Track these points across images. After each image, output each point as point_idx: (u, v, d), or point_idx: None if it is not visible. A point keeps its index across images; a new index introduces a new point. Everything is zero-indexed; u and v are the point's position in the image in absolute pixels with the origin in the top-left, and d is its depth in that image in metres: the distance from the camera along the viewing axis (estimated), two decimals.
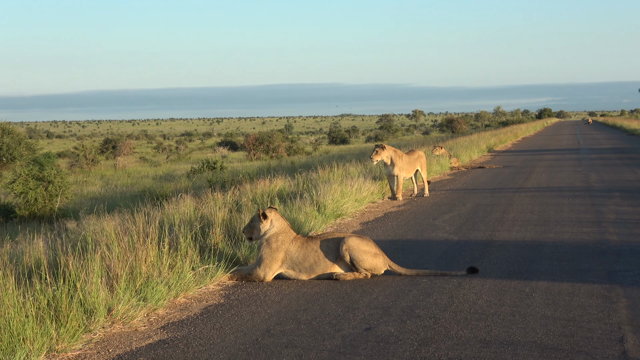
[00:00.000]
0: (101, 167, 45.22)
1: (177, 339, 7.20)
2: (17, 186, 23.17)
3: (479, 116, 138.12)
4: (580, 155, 34.02)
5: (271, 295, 8.77)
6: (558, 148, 42.75)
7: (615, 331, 7.03)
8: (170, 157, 55.20)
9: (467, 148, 34.16)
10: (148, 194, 22.84)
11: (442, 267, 10.03)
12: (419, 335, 7.05)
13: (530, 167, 27.80)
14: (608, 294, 8.34)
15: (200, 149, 69.93)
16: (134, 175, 38.25)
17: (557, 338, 6.85)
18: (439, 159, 26.69)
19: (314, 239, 9.68)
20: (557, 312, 7.68)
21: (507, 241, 11.84)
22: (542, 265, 9.94)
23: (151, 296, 8.13)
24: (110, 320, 7.57)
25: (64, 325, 7.00)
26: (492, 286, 8.84)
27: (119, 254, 8.53)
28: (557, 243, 11.56)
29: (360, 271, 9.44)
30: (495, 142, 44.88)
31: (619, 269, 9.58)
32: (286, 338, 7.12)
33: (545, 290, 8.59)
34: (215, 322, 7.73)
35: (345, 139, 79.79)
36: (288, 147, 55.21)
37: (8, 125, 38.32)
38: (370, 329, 7.30)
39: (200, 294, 8.95)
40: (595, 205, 15.71)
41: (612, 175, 22.72)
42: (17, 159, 33.76)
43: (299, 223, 12.49)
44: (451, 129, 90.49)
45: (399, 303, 8.24)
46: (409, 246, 11.70)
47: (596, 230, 12.62)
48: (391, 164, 17.57)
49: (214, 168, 35.01)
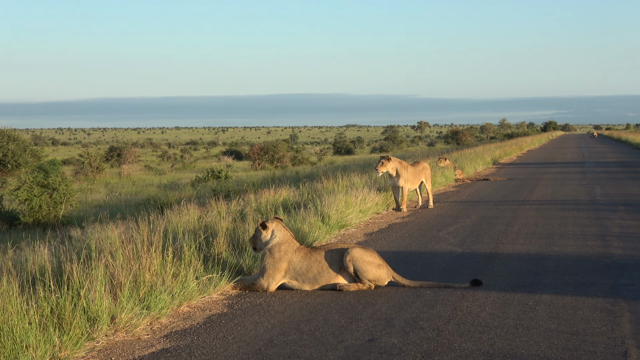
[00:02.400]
0: (106, 175, 45.28)
1: (180, 348, 7.20)
2: (21, 193, 23.19)
3: (484, 128, 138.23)
4: (585, 169, 33.98)
5: (274, 306, 8.77)
6: (563, 161, 42.72)
7: (619, 345, 7.01)
8: (175, 165, 55.27)
9: (472, 160, 34.13)
10: (152, 203, 22.87)
11: (446, 279, 10.02)
12: (422, 347, 7.04)
13: (535, 179, 27.78)
14: (612, 308, 8.33)
15: (205, 158, 70.02)
16: (138, 184, 38.29)
17: (560, 351, 6.84)
18: (443, 170, 26.68)
19: (318, 250, 9.67)
20: (560, 326, 7.67)
21: (511, 254, 11.82)
22: (546, 279, 9.93)
23: (154, 305, 8.14)
24: (114, 328, 7.57)
25: (67, 333, 7.00)
26: (496, 299, 8.83)
27: (123, 262, 8.54)
28: (561, 256, 11.54)
29: (363, 282, 9.43)
30: (500, 154, 44.85)
31: (623, 283, 9.56)
32: (289, 348, 7.11)
33: (549, 303, 8.58)
34: (219, 332, 7.73)
35: (350, 150, 79.88)
36: (293, 157, 55.28)
37: (13, 132, 38.41)
38: (374, 340, 7.30)
39: (203, 303, 8.94)
40: (600, 219, 15.69)
41: (617, 189, 22.69)
42: (22, 165, 33.81)
43: (303, 233, 12.49)
44: (456, 140, 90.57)
45: (402, 314, 8.23)
46: (412, 258, 11.69)
47: (600, 243, 12.59)
48: (396, 176, 17.59)
49: (219, 177, 35.02)
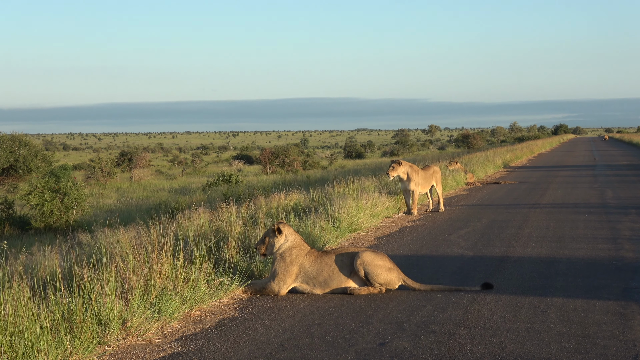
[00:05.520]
0: (117, 180, 45.38)
1: (191, 352, 7.20)
2: (33, 198, 23.27)
3: (494, 132, 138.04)
4: (596, 172, 33.89)
5: (285, 309, 8.77)
6: (574, 164, 42.62)
7: (630, 348, 6.99)
8: (186, 170, 55.35)
9: (483, 163, 34.09)
10: (163, 207, 22.91)
11: (457, 282, 10.00)
12: (433, 351, 7.03)
13: (546, 183, 27.72)
14: (623, 311, 8.30)
15: (216, 163, 70.10)
16: (149, 188, 38.37)
17: (571, 355, 6.82)
18: (454, 174, 26.64)
19: (328, 254, 9.67)
20: (571, 329, 7.65)
21: (522, 257, 11.79)
22: (557, 282, 9.90)
23: (165, 309, 8.14)
24: (125, 332, 7.58)
25: (78, 337, 7.01)
26: (507, 302, 8.81)
27: (134, 266, 8.55)
28: (572, 259, 11.51)
29: (374, 286, 9.42)
30: (511, 157, 44.77)
31: (634, 286, 9.53)
32: (300, 352, 7.11)
33: (560, 306, 8.55)
34: (229, 336, 7.74)
35: (360, 154, 79.88)
36: (303, 162, 55.29)
37: (25, 137, 38.50)
38: (385, 344, 7.29)
39: (214, 307, 8.95)
40: (611, 222, 15.64)
41: (628, 192, 22.62)
42: (34, 170, 33.88)
43: (314, 237, 12.49)
44: (467, 144, 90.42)
45: (413, 318, 8.22)
46: (423, 261, 11.68)
47: (612, 247, 12.55)
48: (407, 179, 17.59)
49: (230, 181, 35.07)
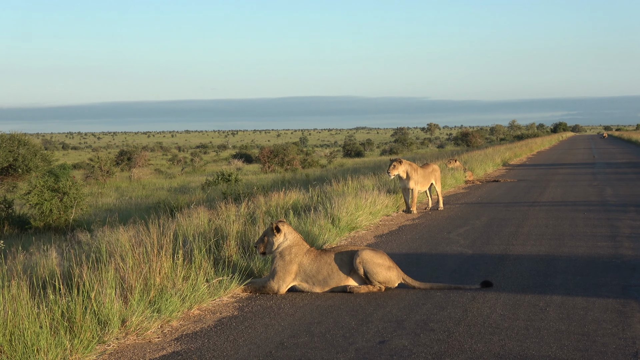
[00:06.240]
0: (116, 179, 45.41)
1: (190, 351, 7.20)
2: (32, 197, 23.27)
3: (494, 130, 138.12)
4: (595, 170, 33.89)
5: (285, 308, 8.77)
6: (573, 162, 42.62)
7: (630, 346, 6.99)
8: (185, 169, 55.37)
9: (482, 162, 34.09)
10: (163, 206, 22.91)
11: (456, 280, 10.01)
12: (432, 349, 7.03)
13: (545, 181, 27.72)
14: (623, 309, 8.30)
15: (215, 161, 70.10)
16: (148, 187, 38.37)
17: (571, 352, 6.82)
18: (453, 172, 26.64)
19: (328, 252, 9.67)
20: (571, 327, 7.65)
21: (521, 255, 11.80)
22: (556, 280, 9.90)
23: (165, 308, 8.14)
24: (124, 331, 7.58)
25: (77, 336, 7.01)
26: (506, 300, 8.81)
27: (133, 265, 8.55)
28: (571, 257, 11.51)
29: (374, 284, 9.42)
30: (510, 155, 44.79)
31: (634, 284, 9.53)
32: (300, 351, 7.11)
33: (559, 304, 8.56)
34: (229, 335, 7.74)
35: (360, 152, 79.92)
36: (303, 160, 55.32)
37: (24, 136, 38.49)
38: (384, 342, 7.29)
39: (214, 306, 8.95)
40: (611, 220, 15.64)
41: (627, 190, 22.61)
42: (33, 170, 33.88)
43: (313, 236, 12.48)
44: (466, 142, 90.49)
45: (412, 316, 8.23)
46: (423, 259, 11.68)
47: (611, 244, 12.56)
48: (407, 178, 17.60)
49: (229, 180, 35.05)
